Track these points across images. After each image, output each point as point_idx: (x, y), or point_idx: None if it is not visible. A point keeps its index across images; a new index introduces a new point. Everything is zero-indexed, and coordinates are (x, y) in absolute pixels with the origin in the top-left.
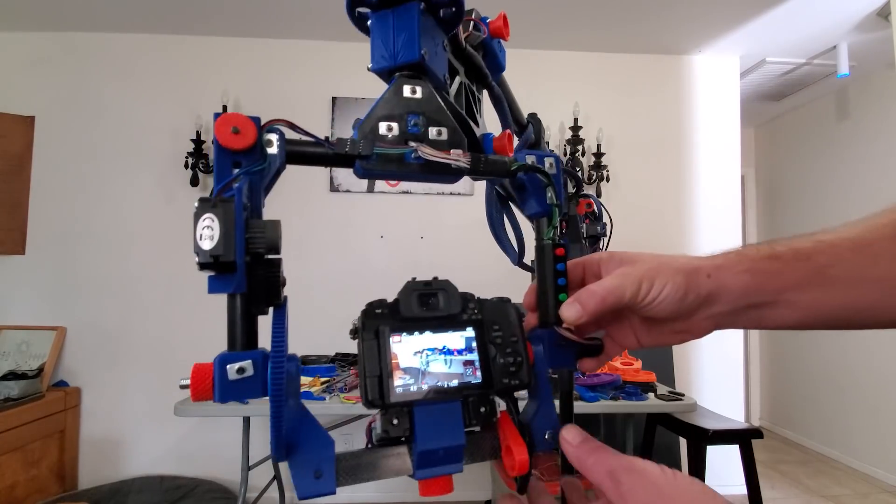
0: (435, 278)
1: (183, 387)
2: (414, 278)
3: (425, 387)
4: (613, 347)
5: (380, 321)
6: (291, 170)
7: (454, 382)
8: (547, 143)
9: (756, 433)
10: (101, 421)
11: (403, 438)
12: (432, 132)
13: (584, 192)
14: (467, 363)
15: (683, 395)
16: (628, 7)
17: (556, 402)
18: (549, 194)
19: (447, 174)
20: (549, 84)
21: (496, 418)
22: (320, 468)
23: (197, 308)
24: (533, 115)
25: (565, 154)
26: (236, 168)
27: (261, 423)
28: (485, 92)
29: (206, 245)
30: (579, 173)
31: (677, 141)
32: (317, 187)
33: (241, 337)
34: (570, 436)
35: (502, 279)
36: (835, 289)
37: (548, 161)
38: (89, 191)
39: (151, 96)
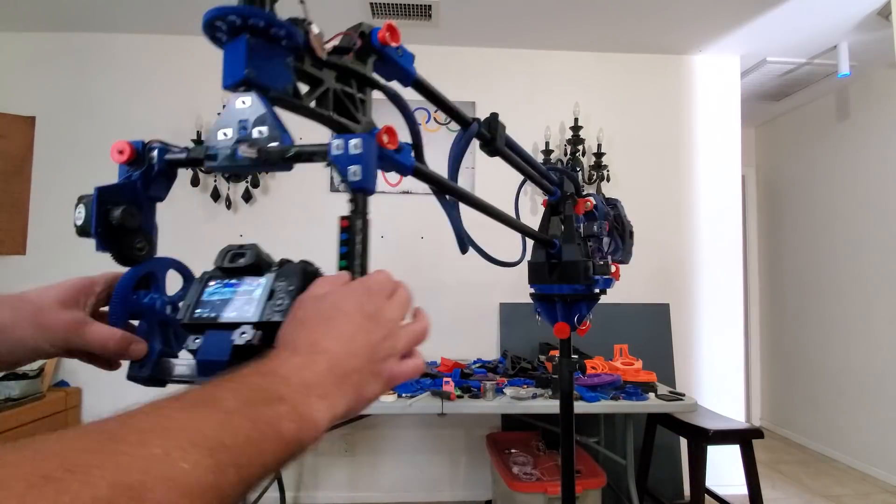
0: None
1: None
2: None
3: (213, 315)
4: None
5: (210, 272)
6: (292, 171)
7: (233, 315)
8: (548, 143)
9: (757, 433)
10: None
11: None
12: (255, 132)
13: (585, 192)
14: (249, 302)
15: (684, 395)
16: (628, 7)
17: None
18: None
19: (271, 165)
20: (549, 84)
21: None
22: (146, 363)
23: None
24: (493, 116)
25: (565, 154)
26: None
27: None
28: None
29: (79, 222)
30: (580, 173)
31: (677, 141)
32: (317, 187)
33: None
34: None
35: (503, 278)
36: None
37: (352, 142)
38: (89, 191)
39: (151, 96)
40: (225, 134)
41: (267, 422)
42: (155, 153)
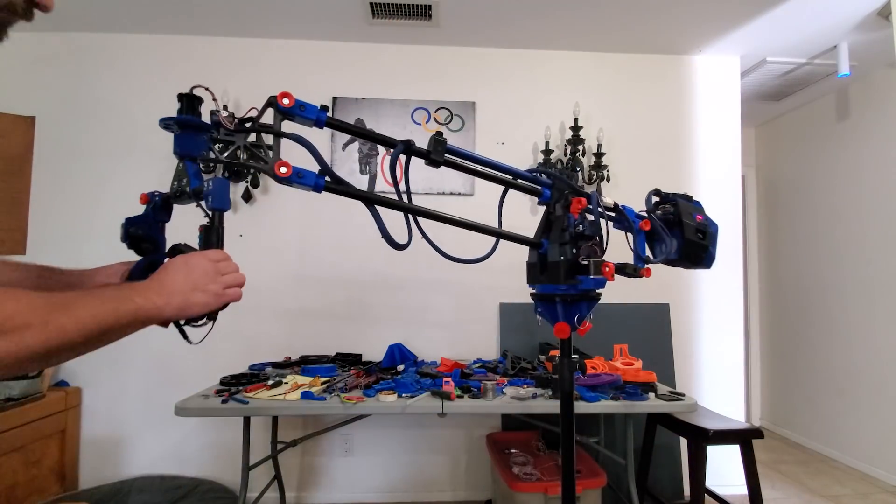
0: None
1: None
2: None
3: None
4: None
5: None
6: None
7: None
8: (548, 143)
9: (756, 433)
10: (101, 421)
11: None
12: (183, 182)
13: (584, 191)
14: None
15: (684, 395)
16: (628, 7)
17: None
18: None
19: (178, 201)
20: (548, 84)
21: None
22: None
23: None
24: (433, 136)
25: (565, 154)
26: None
27: (261, 424)
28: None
29: (119, 236)
30: (580, 173)
31: (677, 141)
32: None
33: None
34: None
35: (503, 278)
36: None
37: (212, 181)
38: (90, 190)
39: (151, 96)
40: (174, 182)
41: (123, 294)
42: (157, 196)
